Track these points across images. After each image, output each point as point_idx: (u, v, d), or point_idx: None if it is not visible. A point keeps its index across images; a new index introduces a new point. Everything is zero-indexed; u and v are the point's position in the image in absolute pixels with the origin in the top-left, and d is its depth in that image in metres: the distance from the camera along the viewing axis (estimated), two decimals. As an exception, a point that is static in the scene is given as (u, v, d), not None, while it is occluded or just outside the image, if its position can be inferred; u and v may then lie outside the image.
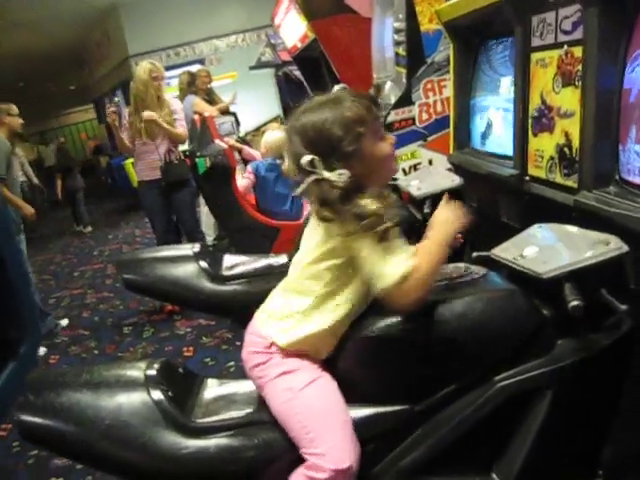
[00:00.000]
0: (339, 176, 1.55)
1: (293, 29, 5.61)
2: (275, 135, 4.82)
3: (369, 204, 1.54)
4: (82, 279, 7.74)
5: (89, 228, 11.42)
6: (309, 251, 1.67)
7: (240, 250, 4.11)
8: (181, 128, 5.15)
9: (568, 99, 2.16)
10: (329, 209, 1.57)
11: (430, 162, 3.63)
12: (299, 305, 1.66)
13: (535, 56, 2.38)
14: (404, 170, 3.62)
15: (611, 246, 1.52)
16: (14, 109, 5.27)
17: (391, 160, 1.71)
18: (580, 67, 2.06)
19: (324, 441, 1.56)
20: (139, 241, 9.45)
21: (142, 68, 5.05)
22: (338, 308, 1.65)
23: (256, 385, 1.71)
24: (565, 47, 2.16)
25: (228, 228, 5.05)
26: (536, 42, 2.37)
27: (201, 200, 6.06)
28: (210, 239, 6.49)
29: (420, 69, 3.62)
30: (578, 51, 2.08)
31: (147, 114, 4.91)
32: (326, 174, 1.56)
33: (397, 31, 3.58)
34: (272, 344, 1.67)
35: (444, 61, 3.52)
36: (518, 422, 1.60)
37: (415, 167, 3.62)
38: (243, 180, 4.75)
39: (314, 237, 1.66)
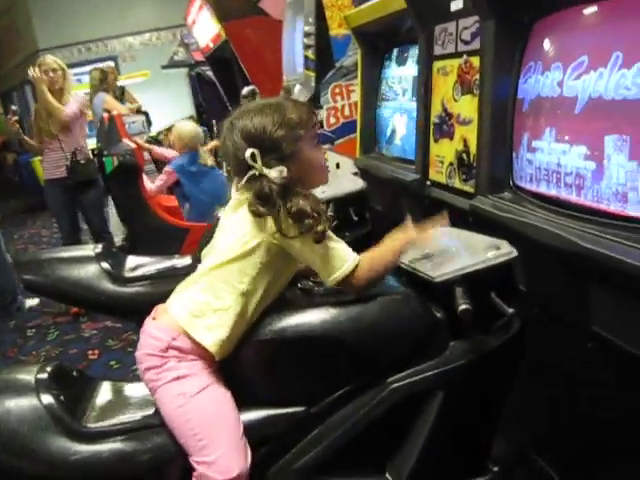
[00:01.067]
0: (279, 173, 1.59)
1: (206, 29, 5.58)
2: (188, 126, 4.74)
3: (306, 205, 1.58)
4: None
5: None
6: (230, 248, 1.64)
7: (147, 251, 4.04)
8: (67, 108, 4.81)
9: (467, 106, 2.23)
10: (265, 205, 1.59)
11: (337, 165, 3.66)
12: (222, 302, 1.63)
13: (437, 64, 2.45)
14: (311, 173, 3.63)
15: (501, 251, 1.58)
16: None
17: (324, 167, 1.76)
18: (478, 76, 2.13)
19: (214, 449, 1.55)
20: (46, 241, 9.15)
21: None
22: (259, 304, 1.65)
23: (148, 387, 1.67)
24: (464, 56, 2.23)
25: (135, 229, 4.96)
26: (438, 51, 2.44)
27: (110, 200, 5.94)
28: (117, 240, 6.36)
29: (328, 73, 3.66)
30: (476, 61, 2.15)
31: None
32: (265, 170, 1.59)
33: (306, 35, 3.60)
34: (168, 347, 1.63)
35: (352, 66, 3.56)
36: (411, 422, 1.64)
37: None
38: (157, 181, 4.67)
39: (235, 234, 1.64)
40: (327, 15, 3.51)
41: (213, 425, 1.58)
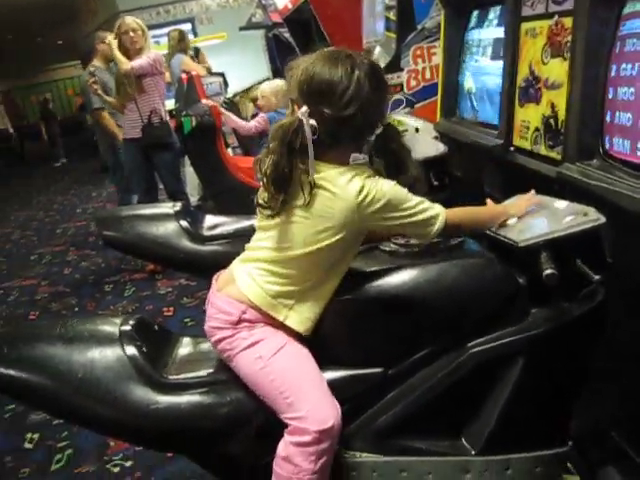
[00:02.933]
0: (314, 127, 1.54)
1: (285, -10, 5.54)
2: (281, 83, 4.73)
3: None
4: (64, 236, 7.70)
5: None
6: (310, 240, 1.59)
7: (224, 211, 4.09)
8: (134, 62, 4.82)
9: (556, 70, 2.15)
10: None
11: (417, 129, 3.60)
12: (303, 285, 1.63)
13: (525, 26, 2.36)
14: (390, 137, 3.59)
15: (588, 217, 1.53)
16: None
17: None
18: (570, 38, 2.04)
19: (304, 404, 1.57)
20: (123, 200, 9.37)
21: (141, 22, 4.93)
22: (340, 275, 1.66)
23: (224, 357, 1.69)
24: (555, 17, 2.14)
25: (212, 189, 5.02)
26: (527, 11, 2.35)
27: (186, 160, 6.02)
28: (194, 200, 6.46)
29: (410, 35, 3.58)
30: (568, 22, 2.06)
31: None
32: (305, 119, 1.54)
33: (388, -4, 3.54)
34: (239, 320, 1.64)
35: (434, 28, 3.48)
36: (489, 389, 1.62)
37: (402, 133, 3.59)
38: (252, 122, 4.69)
39: (315, 226, 1.59)
40: (410, -25, 3.45)
41: (297, 380, 1.60)
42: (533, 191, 1.80)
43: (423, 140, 2.99)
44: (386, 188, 1.58)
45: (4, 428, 3.33)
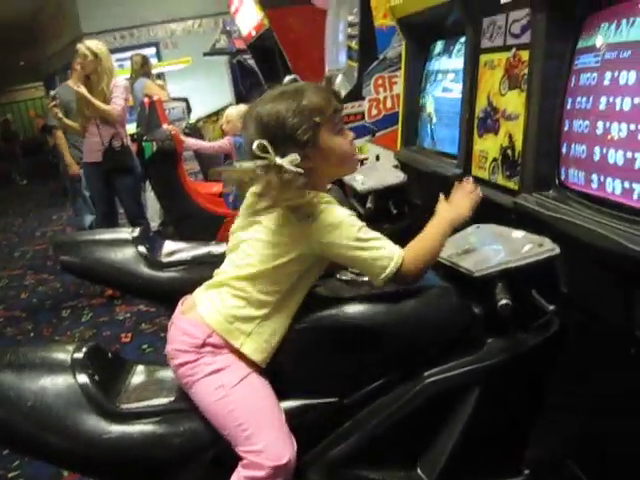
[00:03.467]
0: (290, 162, 1.54)
1: (249, 17, 5.58)
2: (242, 108, 4.76)
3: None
4: (22, 260, 7.58)
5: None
6: (265, 259, 1.60)
7: (184, 237, 4.06)
8: (115, 106, 4.85)
9: (514, 102, 2.18)
10: (287, 196, 1.54)
11: (377, 157, 3.63)
12: (260, 311, 1.61)
13: (484, 58, 2.40)
14: (351, 165, 3.62)
15: (544, 247, 1.55)
16: None
17: (350, 156, 1.71)
18: (527, 70, 2.08)
19: (261, 437, 1.54)
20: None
21: (102, 46, 4.88)
22: (296, 303, 1.64)
23: (182, 382, 1.65)
24: (513, 50, 2.18)
25: (172, 215, 4.99)
26: (485, 44, 2.39)
27: (148, 185, 5.98)
28: (155, 225, 6.41)
29: (372, 64, 3.62)
30: (525, 55, 2.10)
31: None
32: (278, 160, 1.54)
33: (351, 25, 3.58)
34: (204, 344, 1.61)
35: (396, 58, 3.52)
36: (445, 418, 1.62)
37: (362, 162, 3.62)
38: (217, 142, 4.70)
39: (269, 244, 1.60)
40: (372, 5, 3.48)
41: (257, 414, 1.57)
42: (471, 179, 1.79)
43: (383, 168, 3.02)
44: (342, 216, 1.58)
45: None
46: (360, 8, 3.50)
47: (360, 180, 2.82)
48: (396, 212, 2.85)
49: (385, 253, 1.56)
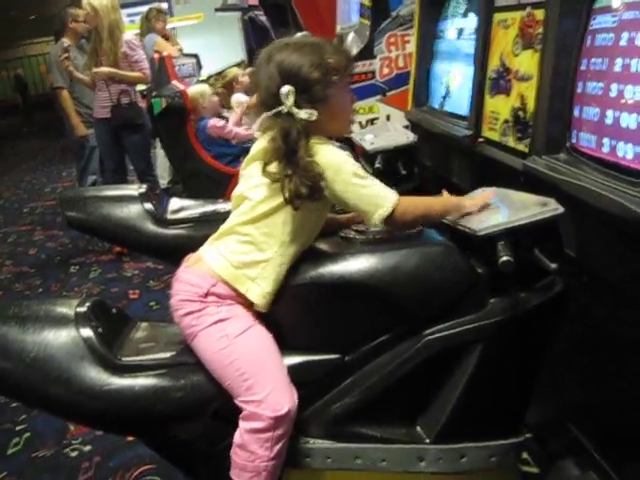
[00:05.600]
0: (308, 115, 1.58)
1: (261, -28, 5.48)
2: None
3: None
4: (31, 215, 7.59)
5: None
6: (267, 201, 1.63)
7: (192, 195, 4.05)
8: (144, 70, 4.92)
9: (527, 62, 2.15)
10: (290, 146, 1.57)
11: (388, 117, 3.60)
12: (265, 254, 1.63)
13: (498, 16, 2.36)
14: (360, 123, 3.60)
15: (547, 207, 1.53)
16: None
17: (350, 118, 1.77)
18: (541, 30, 2.04)
19: (262, 387, 1.56)
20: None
21: (107, 1, 4.81)
22: (300, 250, 1.66)
23: (186, 333, 1.67)
24: (528, 9, 2.14)
25: (181, 172, 4.97)
26: (500, 2, 2.34)
27: (158, 142, 5.95)
28: (164, 182, 6.40)
29: (384, 22, 3.56)
30: (540, 14, 2.06)
31: (102, 71, 4.76)
32: (295, 109, 1.58)
33: (364, -19, 3.51)
34: (208, 293, 1.63)
35: (409, 15, 3.47)
36: (446, 377, 1.62)
37: (372, 121, 3.59)
38: (232, 115, 4.74)
39: (270, 187, 1.62)
40: (386, -38, 3.42)
41: (259, 363, 1.59)
42: (494, 188, 1.79)
43: (393, 128, 2.98)
44: (338, 154, 1.61)
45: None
46: (373, -36, 3.44)
47: (369, 140, 2.79)
48: (405, 173, 2.82)
49: (382, 193, 1.60)
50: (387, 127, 3.11)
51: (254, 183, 1.66)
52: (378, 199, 1.59)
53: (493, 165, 2.34)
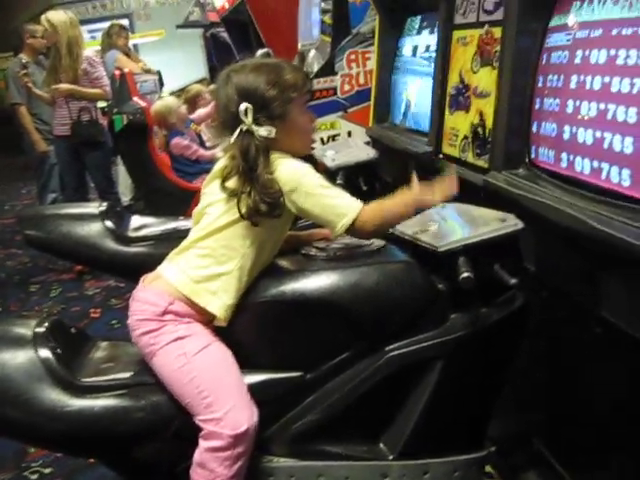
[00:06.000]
0: (267, 132, 1.61)
1: (222, -11, 5.49)
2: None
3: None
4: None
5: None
6: (226, 213, 1.63)
7: (154, 212, 4.02)
8: (105, 88, 4.88)
9: (485, 79, 2.17)
10: (249, 164, 1.59)
11: (349, 134, 3.62)
12: (225, 267, 1.63)
13: (457, 34, 2.38)
14: (322, 140, 3.61)
15: (507, 223, 1.56)
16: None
17: (309, 136, 1.79)
18: (499, 47, 2.07)
19: (221, 405, 1.55)
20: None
21: (63, 16, 4.79)
22: (261, 264, 1.66)
23: (144, 352, 1.66)
24: (486, 27, 2.17)
25: (143, 189, 4.95)
26: (459, 20, 2.37)
27: (119, 159, 5.90)
28: (126, 200, 6.34)
29: (345, 39, 3.59)
30: (498, 32, 2.09)
31: (62, 88, 4.71)
32: (254, 127, 1.61)
33: (324, -1, 3.53)
34: (165, 312, 1.63)
35: (370, 33, 3.49)
36: (408, 393, 1.63)
37: (334, 137, 3.61)
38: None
39: (229, 200, 1.63)
40: (346, -21, 3.45)
41: (218, 381, 1.58)
42: (454, 176, 1.80)
43: (354, 145, 3.00)
44: (299, 166, 1.63)
45: None
46: (334, -19, 3.46)
47: (330, 156, 2.80)
48: (366, 188, 2.83)
49: (344, 202, 1.61)
50: (348, 143, 3.13)
51: (214, 199, 1.67)
52: (341, 208, 1.59)
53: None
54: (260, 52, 4.07)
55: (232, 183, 1.61)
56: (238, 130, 1.61)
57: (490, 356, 1.64)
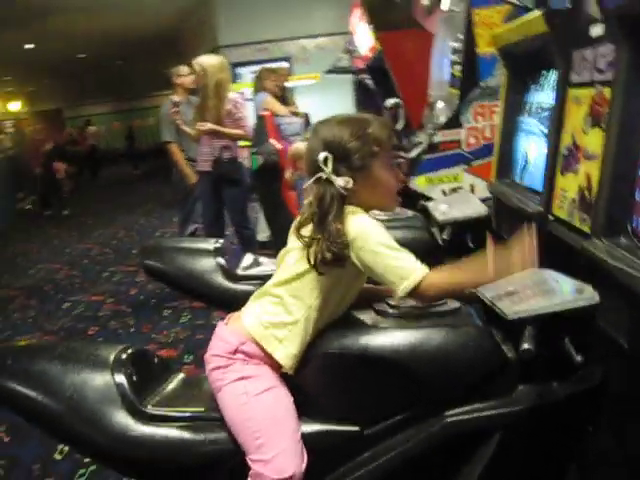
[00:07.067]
0: (344, 182, 1.64)
1: (365, 38, 5.60)
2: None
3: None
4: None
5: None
6: (298, 263, 1.69)
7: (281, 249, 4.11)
8: (247, 128, 5.09)
9: (595, 140, 2.09)
10: (322, 211, 1.63)
11: (472, 187, 3.56)
12: (292, 317, 1.68)
13: (572, 92, 2.31)
14: (444, 191, 3.57)
15: (583, 295, 1.47)
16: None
17: (392, 193, 1.79)
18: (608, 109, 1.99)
19: (271, 448, 1.58)
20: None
21: (213, 60, 5.08)
22: (328, 317, 1.69)
23: (213, 387, 1.72)
24: (598, 86, 2.09)
25: (272, 226, 5.09)
26: (574, 78, 2.30)
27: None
28: (265, 236, 6.52)
29: (473, 92, 3.56)
30: (608, 92, 2.01)
31: (205, 127, 4.95)
32: (333, 176, 1.65)
33: (454, 51, 3.53)
34: (236, 351, 1.69)
35: (498, 86, 3.44)
36: (463, 461, 1.57)
37: (456, 190, 3.57)
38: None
39: (303, 249, 1.67)
40: (476, 33, 3.42)
41: (272, 425, 1.61)
42: (537, 269, 1.72)
43: (468, 199, 2.96)
44: (368, 223, 1.65)
45: (40, 437, 3.41)
46: (464, 35, 3.45)
47: (442, 210, 2.78)
48: (474, 246, 2.77)
49: (408, 265, 1.61)
50: (462, 198, 3.09)
51: (291, 246, 1.72)
52: (404, 270, 1.59)
53: (559, 244, 2.28)
54: (389, 101, 4.11)
55: (306, 231, 1.65)
56: (316, 177, 1.66)
57: (555, 434, 1.56)
